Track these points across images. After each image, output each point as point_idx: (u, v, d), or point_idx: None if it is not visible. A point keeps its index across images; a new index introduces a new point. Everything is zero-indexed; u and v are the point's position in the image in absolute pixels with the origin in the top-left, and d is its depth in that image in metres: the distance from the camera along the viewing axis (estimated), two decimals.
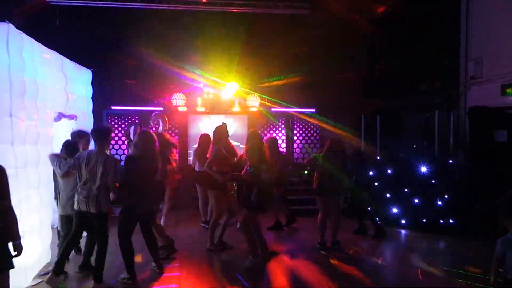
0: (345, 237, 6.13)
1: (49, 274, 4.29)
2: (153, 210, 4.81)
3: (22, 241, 3.07)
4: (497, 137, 7.20)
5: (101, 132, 4.40)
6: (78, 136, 5.05)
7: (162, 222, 6.06)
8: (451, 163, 7.02)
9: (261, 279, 4.66)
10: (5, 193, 2.95)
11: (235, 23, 9.63)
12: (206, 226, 6.81)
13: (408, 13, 9.35)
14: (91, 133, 4.56)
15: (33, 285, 4.28)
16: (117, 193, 4.30)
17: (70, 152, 4.57)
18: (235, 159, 5.69)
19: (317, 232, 5.92)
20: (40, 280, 4.41)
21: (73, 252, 4.96)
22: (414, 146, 9.28)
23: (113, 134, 8.96)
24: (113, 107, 9.16)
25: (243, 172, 5.00)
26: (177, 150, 7.04)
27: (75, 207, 4.30)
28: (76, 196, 4.29)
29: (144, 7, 9.44)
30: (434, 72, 9.14)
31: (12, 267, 2.97)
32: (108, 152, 4.41)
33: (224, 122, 5.77)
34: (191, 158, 7.31)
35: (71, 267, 4.73)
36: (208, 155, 5.50)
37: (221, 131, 5.56)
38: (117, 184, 4.24)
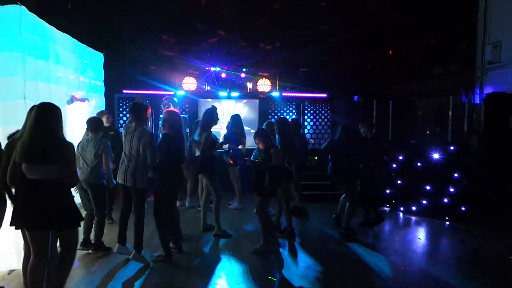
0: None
1: (133, 252, 4.32)
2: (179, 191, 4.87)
3: None
4: None
5: (137, 109, 4.47)
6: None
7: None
8: (464, 149, 6.92)
9: (268, 263, 4.70)
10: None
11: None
12: (180, 205, 6.82)
13: None
14: (130, 110, 4.64)
15: None
16: (155, 171, 4.37)
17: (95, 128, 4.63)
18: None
19: (326, 218, 5.94)
20: None
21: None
22: (427, 131, 9.16)
23: (124, 118, 9.10)
24: (124, 91, 9.19)
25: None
26: None
27: (117, 179, 4.42)
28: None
29: None
30: (450, 56, 8.91)
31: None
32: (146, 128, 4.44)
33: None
34: None
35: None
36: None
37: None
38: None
